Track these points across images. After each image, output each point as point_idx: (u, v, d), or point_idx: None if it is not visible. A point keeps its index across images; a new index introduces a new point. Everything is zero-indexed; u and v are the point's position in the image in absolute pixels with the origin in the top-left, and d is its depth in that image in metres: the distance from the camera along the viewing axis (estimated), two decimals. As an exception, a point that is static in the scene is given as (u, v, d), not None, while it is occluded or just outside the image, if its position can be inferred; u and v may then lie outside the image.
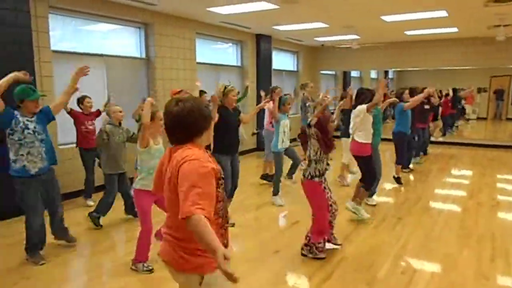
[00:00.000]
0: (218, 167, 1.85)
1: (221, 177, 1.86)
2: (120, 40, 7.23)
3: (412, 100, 6.48)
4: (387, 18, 8.07)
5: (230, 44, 10.12)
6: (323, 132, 3.86)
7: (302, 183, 3.99)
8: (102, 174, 4.90)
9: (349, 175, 6.97)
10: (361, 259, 3.96)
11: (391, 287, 3.44)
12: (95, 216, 4.78)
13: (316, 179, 3.88)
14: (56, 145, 5.70)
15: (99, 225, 4.82)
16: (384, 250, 4.18)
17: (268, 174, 6.98)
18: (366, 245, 4.32)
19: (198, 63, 8.52)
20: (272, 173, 6.40)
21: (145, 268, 3.69)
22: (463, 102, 14.06)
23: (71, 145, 5.94)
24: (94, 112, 5.75)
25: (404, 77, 17.83)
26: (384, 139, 5.70)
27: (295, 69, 13.00)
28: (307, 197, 4.00)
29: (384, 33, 10.20)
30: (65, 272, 3.77)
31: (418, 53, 11.71)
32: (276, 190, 5.84)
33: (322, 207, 3.95)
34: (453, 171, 8.17)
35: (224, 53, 10.08)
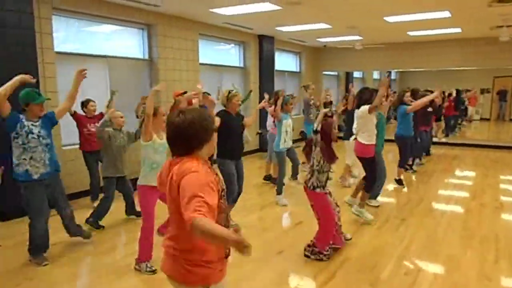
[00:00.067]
0: (218, 178, 1.85)
1: (222, 188, 1.85)
2: (123, 41, 7.25)
3: (415, 104, 6.43)
4: (390, 19, 8.06)
5: (233, 45, 10.14)
6: (326, 140, 3.85)
7: (306, 191, 3.99)
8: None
9: (351, 178, 6.93)
10: (365, 260, 3.96)
11: (395, 288, 3.44)
12: (93, 222, 4.79)
13: (318, 190, 3.87)
14: (60, 146, 5.73)
15: (101, 227, 4.84)
16: (388, 251, 4.18)
17: (271, 176, 6.98)
18: (370, 246, 4.31)
19: (201, 64, 8.54)
20: (276, 176, 6.41)
21: (148, 269, 3.70)
22: (466, 103, 14.02)
23: (74, 146, 5.96)
24: (97, 115, 5.75)
25: (407, 78, 17.83)
26: (388, 140, 5.68)
27: (298, 70, 13.00)
28: (311, 205, 4.01)
29: (387, 34, 10.19)
30: (68, 273, 3.77)
31: (421, 54, 11.68)
32: (280, 190, 5.86)
33: (327, 218, 3.93)
34: (456, 172, 8.15)
35: (227, 54, 10.09)
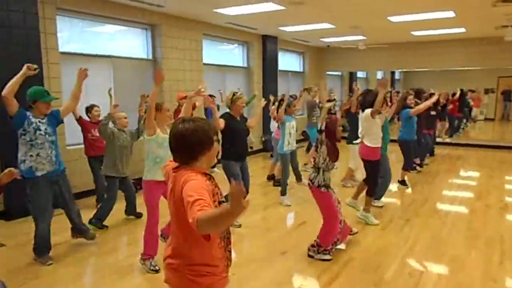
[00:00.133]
0: (217, 190, 1.85)
1: (221, 200, 1.85)
2: (127, 42, 7.27)
3: (418, 108, 6.41)
4: (394, 19, 8.04)
5: (236, 45, 10.14)
6: (331, 138, 3.85)
7: (310, 188, 3.99)
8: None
9: (353, 182, 6.87)
10: (368, 260, 3.95)
11: (399, 289, 3.43)
12: (96, 222, 4.81)
13: (323, 189, 3.87)
14: (64, 146, 5.74)
15: (104, 227, 4.85)
16: (392, 252, 4.17)
17: (275, 176, 6.98)
18: (374, 246, 4.30)
19: (205, 64, 8.55)
20: (279, 176, 6.41)
21: (152, 267, 3.71)
22: (471, 104, 13.93)
23: (78, 146, 5.98)
24: (101, 121, 5.76)
25: (411, 78, 17.79)
26: (391, 140, 5.65)
27: (301, 70, 12.99)
28: (316, 202, 4.00)
29: (391, 34, 10.16)
30: (73, 273, 3.78)
31: (425, 54, 11.64)
32: (284, 191, 5.87)
33: (331, 216, 3.92)
34: (461, 173, 8.12)
35: (230, 54, 10.10)
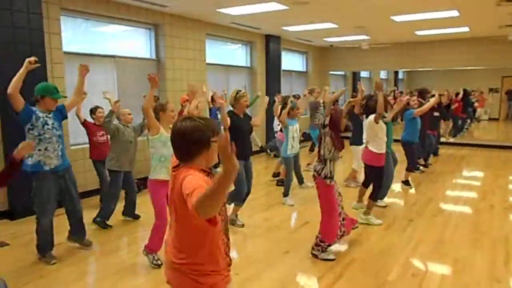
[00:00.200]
0: None
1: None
2: (131, 41, 7.29)
3: (421, 109, 6.40)
4: (397, 18, 8.02)
5: (240, 45, 10.14)
6: (336, 128, 3.86)
7: (315, 179, 3.97)
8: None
9: (356, 183, 6.83)
10: (371, 261, 3.94)
11: (402, 290, 3.42)
12: (100, 221, 4.82)
13: (329, 181, 3.87)
14: (68, 146, 5.76)
15: (108, 226, 4.87)
16: (395, 252, 4.15)
17: (280, 175, 6.98)
18: (376, 247, 4.29)
19: (208, 64, 8.56)
20: (283, 177, 6.41)
21: (155, 262, 3.74)
22: (476, 105, 13.85)
23: (82, 146, 6.00)
24: None
25: (415, 78, 17.76)
26: (394, 140, 5.64)
27: (304, 70, 12.98)
28: (318, 195, 3.99)
29: (394, 33, 10.13)
30: (77, 272, 3.79)
31: (429, 53, 11.60)
32: (287, 192, 5.89)
33: (330, 209, 3.92)
34: (465, 173, 8.08)
35: (234, 54, 10.10)
